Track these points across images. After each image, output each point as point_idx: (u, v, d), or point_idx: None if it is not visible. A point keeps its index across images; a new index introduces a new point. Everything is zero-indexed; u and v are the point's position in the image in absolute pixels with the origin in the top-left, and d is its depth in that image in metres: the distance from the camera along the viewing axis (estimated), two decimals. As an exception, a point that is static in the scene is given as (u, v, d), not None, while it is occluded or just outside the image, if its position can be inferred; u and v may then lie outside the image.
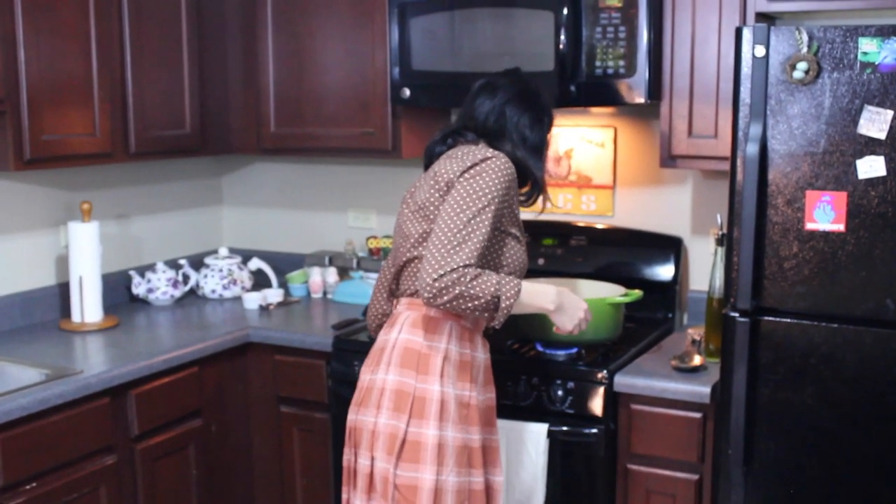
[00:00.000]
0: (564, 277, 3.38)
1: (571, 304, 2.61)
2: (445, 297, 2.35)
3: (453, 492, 2.46)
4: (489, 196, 2.44)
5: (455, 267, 2.35)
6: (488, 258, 2.52)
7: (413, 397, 2.47)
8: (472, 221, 2.41)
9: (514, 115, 2.63)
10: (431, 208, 2.53)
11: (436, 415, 2.45)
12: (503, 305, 2.40)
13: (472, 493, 2.51)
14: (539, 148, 2.67)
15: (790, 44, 2.50)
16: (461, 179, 2.47)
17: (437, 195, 2.52)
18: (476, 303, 2.37)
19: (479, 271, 2.38)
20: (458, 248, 2.37)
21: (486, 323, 2.58)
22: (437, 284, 2.34)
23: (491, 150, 2.55)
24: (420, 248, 2.55)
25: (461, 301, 2.36)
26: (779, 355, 2.61)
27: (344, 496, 2.64)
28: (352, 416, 2.60)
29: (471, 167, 2.48)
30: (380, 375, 2.54)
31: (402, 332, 2.54)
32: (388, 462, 2.46)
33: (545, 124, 2.70)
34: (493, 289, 2.38)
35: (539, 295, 2.53)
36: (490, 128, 2.63)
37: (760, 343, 2.63)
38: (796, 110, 2.51)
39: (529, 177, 2.64)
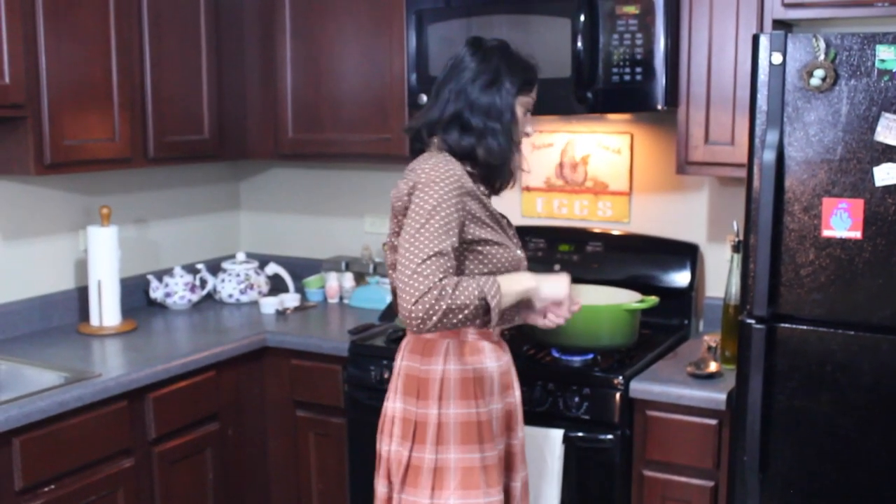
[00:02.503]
0: (580, 284, 3.38)
1: (552, 277, 2.49)
2: (434, 319, 2.21)
3: None
4: (443, 210, 2.31)
5: (430, 287, 2.21)
6: (475, 272, 2.43)
7: (415, 423, 2.46)
8: (427, 235, 2.27)
9: (459, 93, 2.44)
10: (392, 238, 2.51)
11: (432, 439, 2.43)
12: (493, 304, 2.28)
13: None
14: (494, 128, 2.43)
15: (807, 51, 2.50)
16: (414, 197, 2.35)
17: (393, 224, 2.48)
18: (465, 312, 2.25)
19: (457, 279, 2.26)
20: (422, 269, 2.23)
21: (481, 326, 2.46)
22: (418, 309, 2.20)
23: (430, 160, 2.41)
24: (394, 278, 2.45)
25: (450, 316, 2.23)
26: (795, 362, 2.61)
27: None
28: (377, 444, 2.61)
29: (416, 184, 2.37)
30: (389, 403, 2.55)
31: (404, 358, 2.54)
32: (396, 488, 2.50)
33: (501, 91, 2.44)
34: (476, 292, 2.26)
35: (516, 278, 2.41)
36: (432, 117, 2.48)
37: (776, 350, 2.63)
38: (813, 117, 2.51)
39: (489, 166, 2.46)
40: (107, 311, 3.50)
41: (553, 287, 2.47)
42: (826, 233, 2.53)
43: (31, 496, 2.73)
